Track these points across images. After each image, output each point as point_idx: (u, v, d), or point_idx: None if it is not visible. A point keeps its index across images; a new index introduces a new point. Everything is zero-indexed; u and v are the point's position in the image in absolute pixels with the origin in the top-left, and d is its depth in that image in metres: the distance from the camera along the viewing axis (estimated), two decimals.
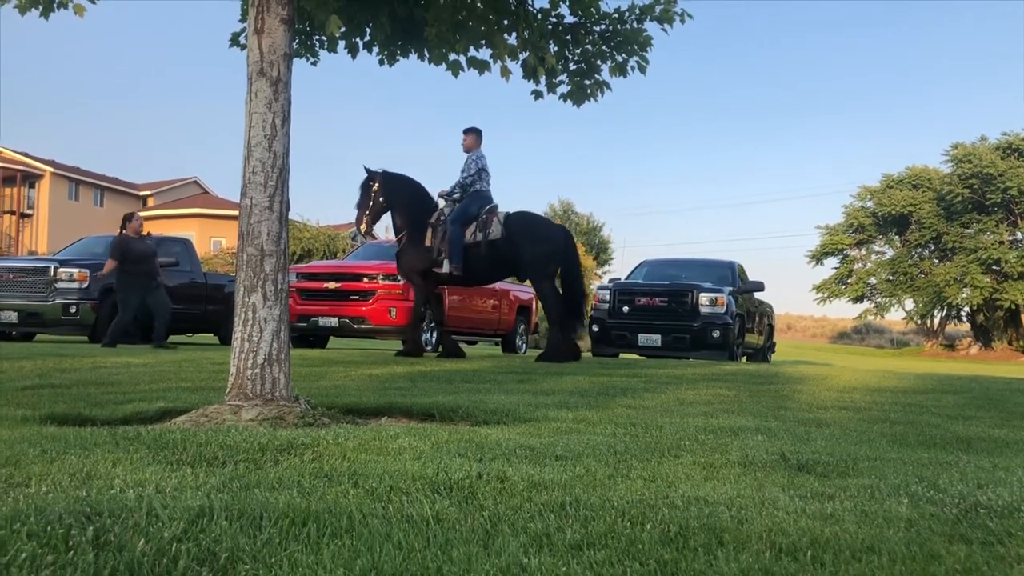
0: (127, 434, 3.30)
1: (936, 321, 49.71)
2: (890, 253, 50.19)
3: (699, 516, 2.13)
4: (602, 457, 3.09)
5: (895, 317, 51.91)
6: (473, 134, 10.08)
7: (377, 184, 9.93)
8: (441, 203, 10.15)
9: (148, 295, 11.46)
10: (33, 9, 5.61)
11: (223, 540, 1.81)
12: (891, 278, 48.66)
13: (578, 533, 1.96)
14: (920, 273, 47.60)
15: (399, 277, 12.41)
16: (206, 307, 15.06)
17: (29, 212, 47.87)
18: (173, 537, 1.80)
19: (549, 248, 9.88)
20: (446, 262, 9.72)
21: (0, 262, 14.42)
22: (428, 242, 9.87)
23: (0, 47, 77.61)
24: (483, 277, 10.55)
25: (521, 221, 10.01)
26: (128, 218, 11.78)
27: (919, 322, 50.18)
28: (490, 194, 10.13)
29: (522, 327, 15.86)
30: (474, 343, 16.27)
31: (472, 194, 9.99)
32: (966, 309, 47.39)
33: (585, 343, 15.12)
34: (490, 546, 1.86)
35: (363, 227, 10.06)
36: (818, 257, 51.29)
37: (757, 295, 15.69)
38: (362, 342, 18.50)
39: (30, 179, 47.86)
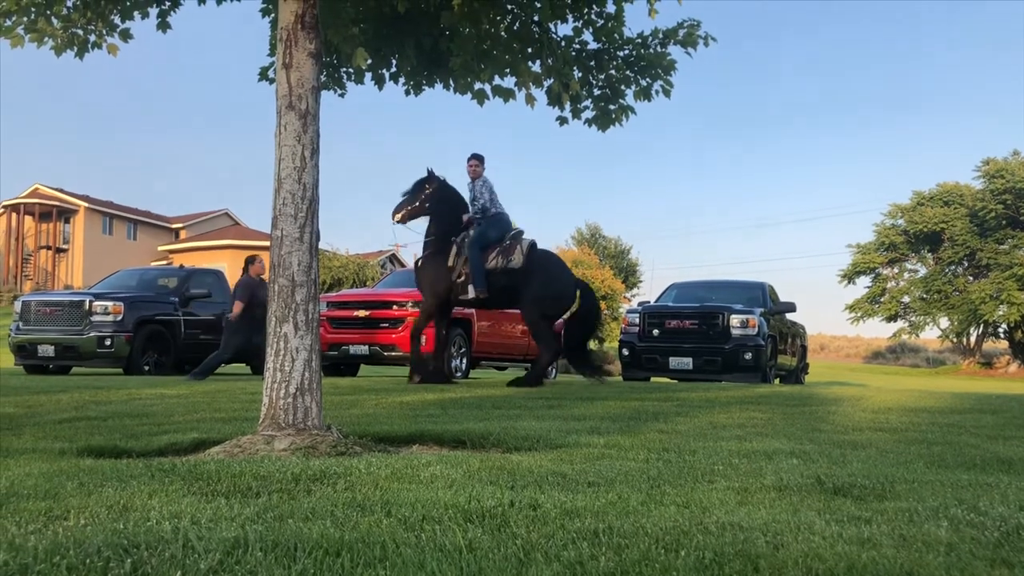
0: (162, 466, 3.34)
1: (972, 339, 48.93)
2: (923, 271, 49.61)
3: (734, 542, 2.10)
4: (635, 483, 3.07)
5: (930, 336, 51.24)
6: (477, 159, 10.08)
7: (430, 189, 9.94)
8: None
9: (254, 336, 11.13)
10: (68, 50, 5.76)
11: (258, 571, 1.82)
12: (925, 296, 48.05)
13: (612, 561, 1.95)
14: (954, 291, 46.97)
15: None
16: None
17: (65, 247, 48.71)
18: (209, 569, 1.81)
19: (558, 292, 9.88)
20: (471, 288, 9.72)
21: (36, 297, 14.68)
22: (451, 262, 9.86)
23: (35, 87, 79.30)
24: (503, 302, 10.54)
25: (543, 258, 10.02)
26: (250, 260, 11.70)
27: (955, 340, 49.43)
28: (509, 218, 10.14)
29: None
30: (504, 368, 16.25)
31: (493, 217, 9.99)
32: (1003, 326, 46.63)
33: (615, 367, 15.04)
34: (523, 575, 1.85)
35: (399, 217, 9.97)
36: (850, 276, 50.80)
37: (789, 316, 15.55)
38: (393, 369, 18.54)
39: (65, 214, 48.76)
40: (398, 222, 10.12)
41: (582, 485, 3.00)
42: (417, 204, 9.93)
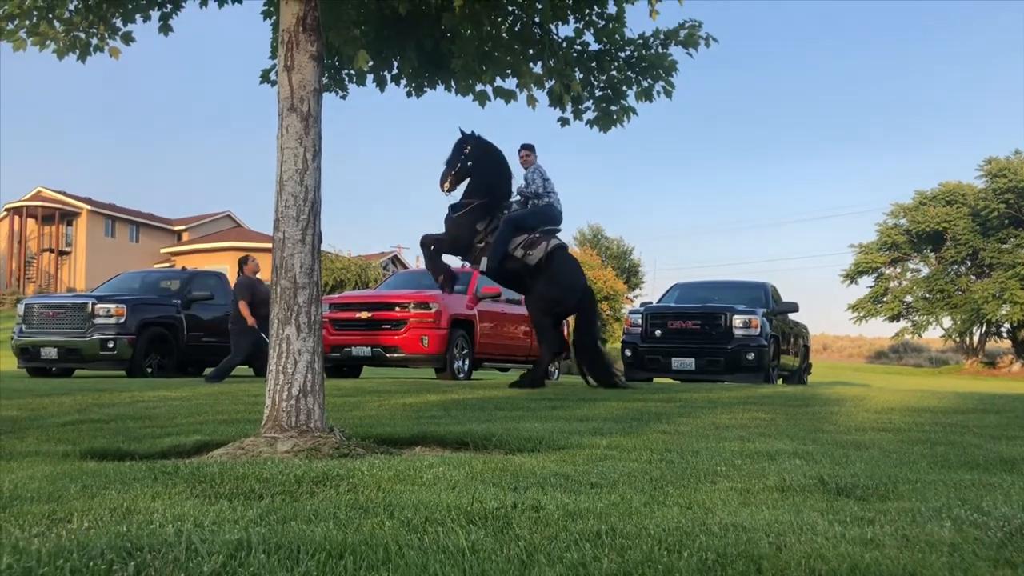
0: (165, 468, 3.34)
1: (975, 338, 48.87)
2: (925, 270, 49.55)
3: (737, 543, 2.10)
4: (637, 484, 3.07)
5: (933, 335, 51.21)
6: (527, 149, 9.99)
7: (469, 147, 9.72)
8: (516, 197, 9.98)
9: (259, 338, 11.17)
10: (70, 53, 5.77)
11: (261, 574, 1.82)
12: (927, 296, 48.00)
13: (615, 563, 1.95)
14: (957, 290, 46.92)
15: (431, 305, 12.47)
16: None
17: (67, 249, 48.78)
18: (212, 572, 1.82)
19: (562, 295, 9.77)
20: (483, 260, 9.63)
21: (39, 300, 14.71)
22: (480, 225, 9.70)
23: (38, 89, 79.44)
24: (515, 288, 10.50)
25: (560, 259, 9.89)
26: (244, 261, 11.70)
27: (958, 340, 49.37)
28: (557, 213, 9.99)
29: None
30: (506, 370, 16.25)
31: (543, 206, 9.87)
32: (1006, 326, 46.57)
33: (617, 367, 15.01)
34: None
35: (447, 186, 9.73)
36: (852, 276, 50.76)
37: (791, 316, 15.54)
38: (395, 371, 18.55)
39: (68, 217, 48.83)
40: (447, 191, 9.84)
41: (585, 486, 3.00)
42: (459, 166, 9.68)
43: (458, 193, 9.80)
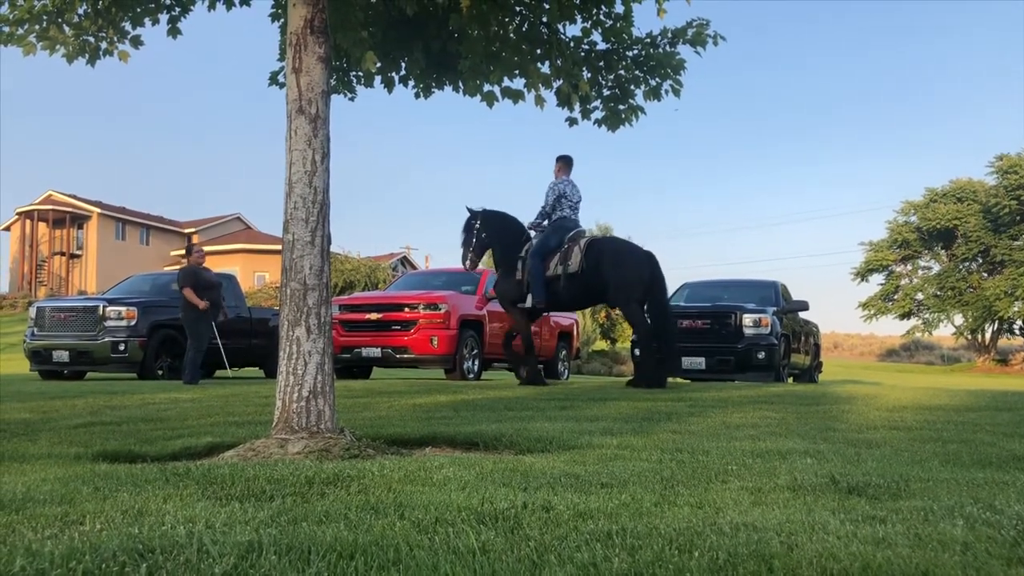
0: (177, 470, 3.35)
1: (987, 336, 48.61)
2: (936, 268, 49.32)
3: (748, 543, 2.10)
4: (648, 484, 3.07)
5: (944, 333, 50.91)
6: (561, 162, 10.31)
7: (479, 223, 10.34)
8: (532, 234, 10.42)
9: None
10: (80, 57, 5.79)
11: (272, 575, 1.83)
12: (939, 293, 47.77)
13: (625, 563, 1.95)
14: (969, 287, 46.67)
15: (440, 306, 12.53)
16: (251, 341, 15.24)
17: (78, 252, 49.02)
18: (223, 573, 1.82)
19: (635, 275, 9.88)
20: (529, 297, 9.99)
21: (51, 303, 14.77)
22: (519, 275, 10.16)
23: (48, 93, 79.84)
24: (569, 305, 10.89)
25: (605, 249, 10.06)
26: (189, 250, 12.33)
27: (969, 337, 49.12)
28: (573, 221, 10.24)
29: (563, 353, 15.82)
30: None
31: (554, 224, 10.17)
32: (1019, 323, 46.32)
33: (627, 367, 14.98)
34: None
35: (468, 263, 10.46)
36: (863, 274, 50.56)
37: (802, 314, 15.48)
38: (405, 372, 18.57)
39: (79, 220, 49.06)
40: (471, 268, 10.73)
41: (595, 486, 3.00)
42: (476, 241, 10.33)
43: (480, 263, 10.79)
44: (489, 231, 10.33)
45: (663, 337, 10.04)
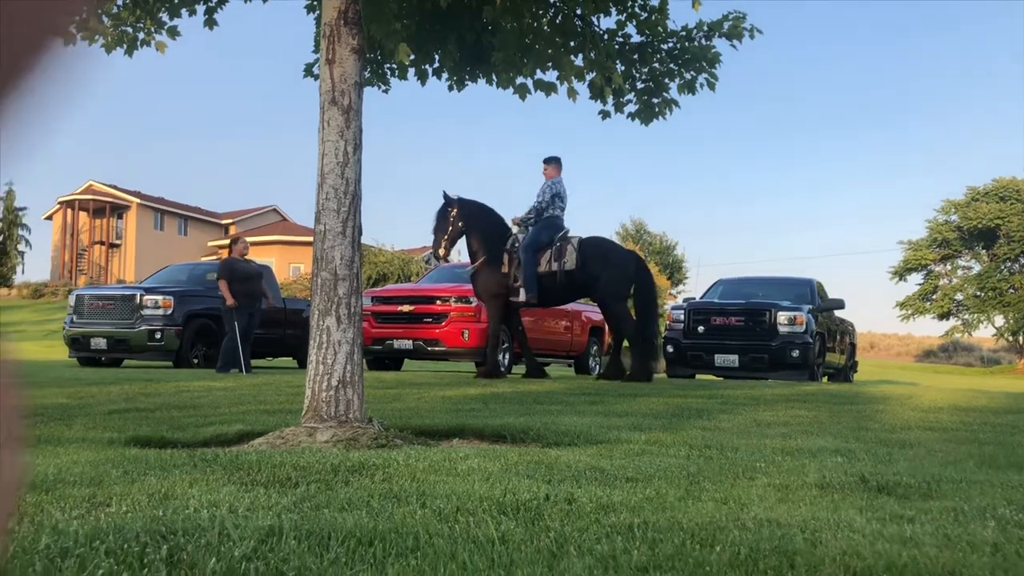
0: (205, 456, 3.38)
1: None
2: (977, 268, 48.51)
3: (771, 538, 2.07)
4: (674, 479, 3.04)
5: (984, 334, 50.09)
6: (553, 163, 10.40)
7: (455, 210, 10.26)
8: (515, 229, 10.44)
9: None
10: (118, 48, 5.87)
11: (291, 559, 1.84)
12: (979, 294, 47.00)
13: (644, 555, 1.93)
14: (1010, 288, 45.85)
15: (472, 299, 12.54)
16: (285, 331, 15.39)
17: (117, 242, 49.78)
18: (243, 556, 1.83)
19: (622, 272, 10.14)
20: (522, 291, 10.01)
21: (90, 291, 15.00)
22: (505, 268, 10.16)
23: (87, 87, 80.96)
24: (557, 301, 10.97)
25: (596, 247, 10.29)
26: (234, 242, 12.44)
27: (1011, 339, 48.25)
28: (562, 221, 10.38)
29: (595, 348, 15.76)
30: (547, 364, 16.22)
31: (544, 220, 10.25)
32: None
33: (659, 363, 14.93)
34: (554, 567, 1.84)
35: (442, 251, 10.40)
36: (901, 273, 49.87)
37: (838, 313, 15.28)
38: (436, 364, 18.64)
39: (118, 210, 49.82)
40: (444, 255, 10.63)
41: (620, 480, 2.98)
42: (451, 229, 10.25)
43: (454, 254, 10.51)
44: (468, 221, 10.26)
45: (648, 333, 10.18)
